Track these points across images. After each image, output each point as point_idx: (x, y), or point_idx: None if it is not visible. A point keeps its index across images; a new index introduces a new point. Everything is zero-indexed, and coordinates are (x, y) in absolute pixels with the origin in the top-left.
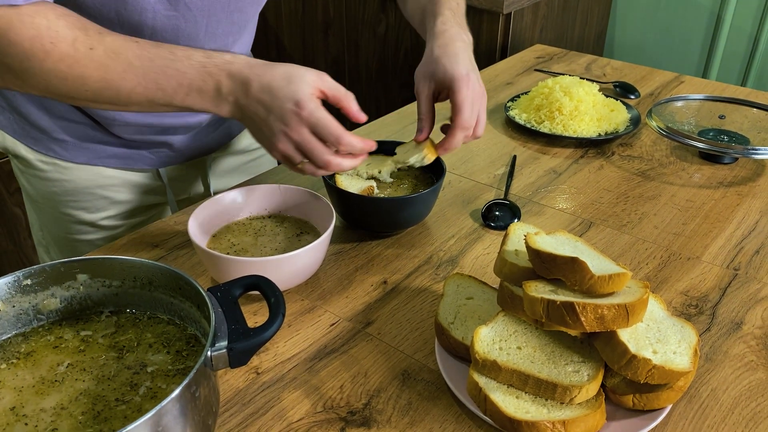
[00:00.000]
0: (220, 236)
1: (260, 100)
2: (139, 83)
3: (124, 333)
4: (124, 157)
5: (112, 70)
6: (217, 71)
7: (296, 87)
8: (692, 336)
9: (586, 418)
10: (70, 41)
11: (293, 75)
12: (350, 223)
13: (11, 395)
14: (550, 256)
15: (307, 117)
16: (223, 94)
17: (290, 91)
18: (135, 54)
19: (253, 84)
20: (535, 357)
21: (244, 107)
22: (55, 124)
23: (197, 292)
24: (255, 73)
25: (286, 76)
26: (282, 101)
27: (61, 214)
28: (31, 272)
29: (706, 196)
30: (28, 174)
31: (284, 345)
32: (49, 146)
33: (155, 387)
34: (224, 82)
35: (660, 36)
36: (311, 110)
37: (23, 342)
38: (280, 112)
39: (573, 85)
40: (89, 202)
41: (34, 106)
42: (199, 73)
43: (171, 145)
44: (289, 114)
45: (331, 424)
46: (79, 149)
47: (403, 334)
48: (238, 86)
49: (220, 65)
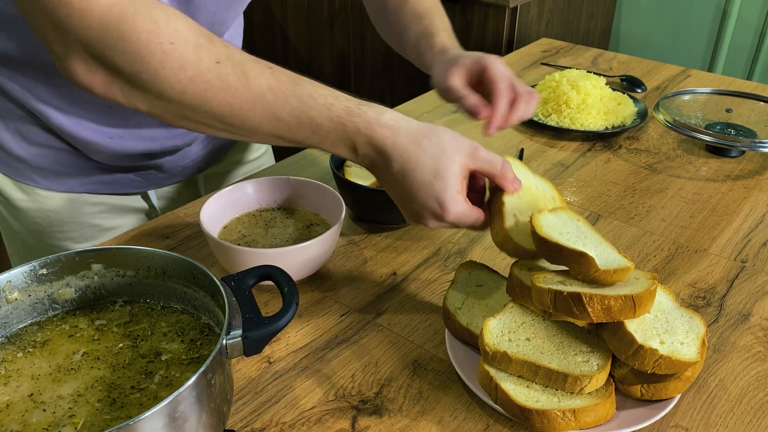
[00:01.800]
0: (231, 227)
1: (400, 183)
2: (269, 121)
3: (138, 322)
4: (109, 183)
5: (241, 96)
6: (355, 132)
7: (443, 185)
8: (700, 327)
9: (597, 407)
10: (192, 46)
11: (444, 164)
12: (359, 215)
13: (28, 383)
14: (557, 246)
15: (449, 219)
16: (358, 155)
17: (437, 189)
18: (269, 85)
19: (394, 165)
20: (545, 348)
21: (381, 178)
22: (32, 151)
23: (212, 281)
24: (398, 153)
25: (435, 162)
26: (424, 197)
27: (48, 247)
28: (47, 262)
29: (713, 189)
30: (9, 207)
31: (295, 335)
32: (28, 175)
33: (170, 375)
34: (361, 145)
35: (666, 30)
36: (453, 213)
37: (39, 331)
38: (420, 208)
39: (580, 79)
40: (76, 232)
41: (9, 133)
42: (336, 131)
43: (160, 167)
44: (428, 214)
45: (343, 412)
46: (60, 177)
47: (413, 324)
48: (377, 155)
49: (360, 127)
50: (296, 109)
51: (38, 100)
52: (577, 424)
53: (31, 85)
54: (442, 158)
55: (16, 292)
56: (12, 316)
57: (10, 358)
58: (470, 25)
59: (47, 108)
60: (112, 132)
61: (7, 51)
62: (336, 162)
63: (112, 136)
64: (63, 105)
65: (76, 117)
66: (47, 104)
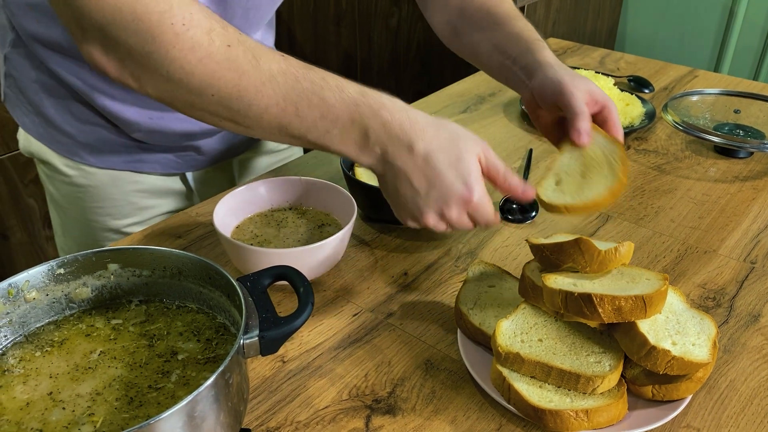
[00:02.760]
0: (243, 227)
1: (423, 167)
2: (277, 103)
3: (153, 322)
4: (150, 162)
5: (249, 77)
6: (370, 114)
7: (470, 165)
8: (711, 328)
9: (609, 407)
10: (205, 29)
11: (464, 147)
12: (370, 216)
13: (47, 382)
14: (555, 245)
15: (474, 204)
16: (370, 142)
17: (463, 168)
18: (280, 67)
19: (417, 145)
20: (557, 348)
21: (396, 167)
22: (79, 128)
23: (228, 281)
24: (420, 129)
25: (455, 146)
26: (452, 179)
27: (87, 220)
28: (65, 261)
29: (722, 190)
30: (55, 179)
31: (309, 334)
32: (75, 151)
33: (187, 374)
34: (375, 130)
35: (672, 30)
36: (479, 196)
37: (56, 330)
38: (444, 191)
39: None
40: (114, 208)
41: (60, 110)
42: (349, 112)
43: (198, 149)
44: (456, 197)
45: (357, 411)
46: (103, 154)
47: (424, 324)
48: (394, 141)
49: (375, 108)
50: (307, 90)
51: (85, 83)
52: (590, 424)
53: (77, 69)
54: (460, 143)
55: (35, 292)
56: (30, 315)
57: (28, 357)
58: None
59: (92, 90)
60: (152, 113)
61: (55, 38)
62: (347, 162)
63: (152, 116)
64: (106, 88)
65: (118, 99)
66: (92, 87)
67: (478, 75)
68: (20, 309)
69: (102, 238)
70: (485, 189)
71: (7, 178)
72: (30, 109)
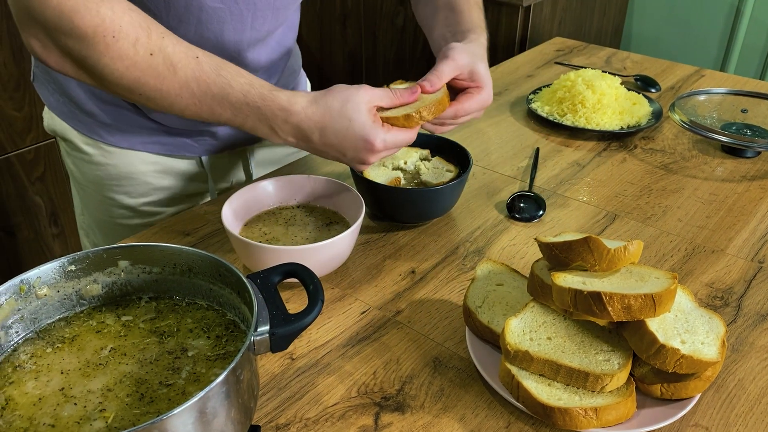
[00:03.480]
0: (252, 225)
1: (328, 145)
2: (194, 103)
3: (163, 318)
4: (167, 144)
5: (168, 83)
6: (272, 116)
7: (360, 123)
8: (720, 327)
9: (618, 405)
10: (132, 40)
11: (351, 111)
12: (377, 214)
13: (58, 378)
14: (564, 244)
15: (380, 147)
16: (279, 135)
17: (355, 131)
18: (193, 75)
19: (314, 135)
20: (566, 347)
21: (312, 149)
22: (101, 108)
23: (238, 278)
24: (313, 121)
25: (343, 114)
26: (352, 142)
27: (104, 197)
28: (75, 258)
29: (730, 190)
30: (75, 157)
31: (317, 332)
32: (95, 130)
33: (197, 371)
34: (279, 127)
35: (678, 29)
36: (380, 141)
37: (66, 326)
38: (353, 152)
39: (595, 78)
40: (131, 187)
41: (83, 89)
42: (253, 113)
43: (214, 134)
44: (362, 151)
45: (366, 408)
46: (123, 134)
47: (432, 322)
48: (298, 134)
49: (275, 111)
50: (217, 95)
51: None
52: (599, 422)
53: None
54: (347, 105)
55: (46, 288)
56: (41, 311)
57: (39, 353)
58: None
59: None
60: None
61: None
62: None
63: None
64: None
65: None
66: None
67: None
68: (32, 305)
69: (118, 216)
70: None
71: (14, 176)
72: (56, 89)
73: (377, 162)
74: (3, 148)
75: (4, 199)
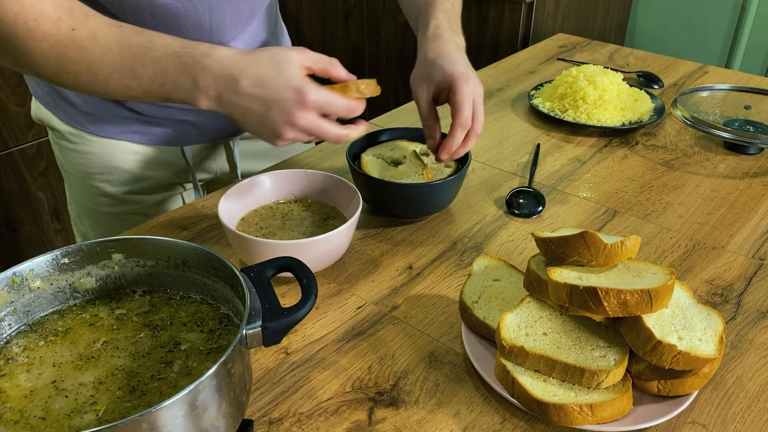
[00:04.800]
0: (249, 220)
1: (253, 95)
2: (116, 69)
3: (157, 312)
4: (147, 133)
5: (90, 52)
6: (193, 63)
7: (289, 74)
8: (718, 323)
9: (614, 402)
10: (53, 20)
11: (280, 60)
12: (374, 209)
13: (50, 370)
14: (560, 239)
15: (313, 102)
16: (200, 87)
17: (284, 79)
18: (115, 39)
19: (241, 79)
20: (561, 342)
21: (234, 104)
22: (81, 97)
23: (231, 272)
24: (239, 67)
25: (273, 63)
26: (280, 92)
27: (88, 185)
28: (69, 251)
29: (731, 187)
30: (60, 145)
31: (312, 326)
32: (77, 119)
33: (189, 365)
34: (201, 75)
35: (682, 25)
36: (313, 93)
37: (60, 319)
38: (281, 105)
39: (597, 74)
40: (112, 176)
41: None
42: (174, 64)
43: (194, 123)
44: (291, 104)
45: (360, 403)
46: (104, 123)
47: (429, 318)
48: (221, 82)
49: (196, 57)
50: (138, 53)
51: None
52: (594, 418)
53: None
54: (279, 54)
55: (39, 281)
56: (34, 304)
57: (32, 346)
58: (486, 20)
59: None
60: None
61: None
62: (352, 155)
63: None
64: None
65: None
66: None
67: (485, 70)
68: (24, 298)
69: (102, 204)
70: (324, 89)
71: (16, 171)
72: (39, 80)
73: (373, 155)
74: (5, 144)
75: (6, 195)
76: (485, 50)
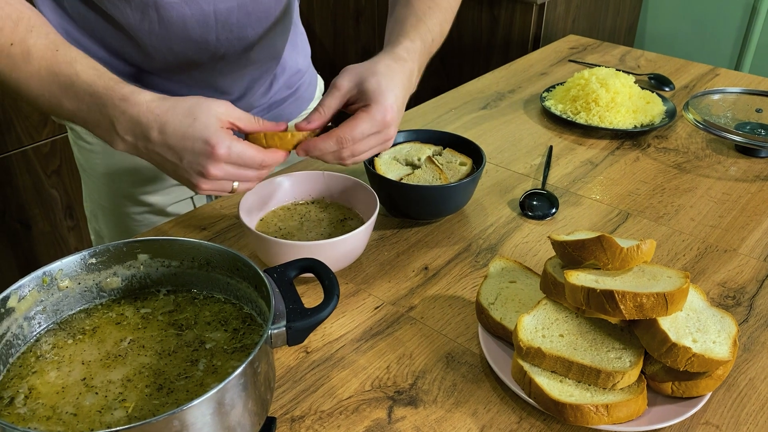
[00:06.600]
0: (267, 220)
1: (165, 144)
2: (42, 94)
3: (182, 311)
4: None
5: (21, 72)
6: (111, 106)
7: (204, 124)
8: (732, 326)
9: (629, 402)
10: None
11: (197, 111)
12: (390, 210)
13: (80, 368)
14: (577, 242)
15: (224, 155)
16: (117, 131)
17: (198, 130)
18: (46, 64)
19: (153, 130)
20: (578, 344)
21: (149, 150)
22: None
23: (255, 273)
24: (155, 114)
25: (189, 113)
26: (191, 142)
27: (105, 185)
28: (96, 251)
29: (743, 189)
30: (79, 145)
31: (331, 326)
32: None
33: (214, 363)
34: (119, 119)
35: (693, 27)
36: (226, 146)
37: (87, 318)
38: (192, 156)
39: (609, 77)
40: (130, 176)
41: None
42: (95, 104)
43: None
44: (203, 156)
45: (380, 402)
46: None
47: (445, 318)
48: (136, 128)
49: (115, 100)
50: (64, 84)
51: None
52: (610, 419)
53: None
54: (198, 105)
55: (67, 280)
56: (63, 303)
57: (61, 344)
58: (497, 21)
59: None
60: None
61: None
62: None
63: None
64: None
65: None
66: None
67: (497, 72)
68: (53, 297)
69: (118, 203)
70: (237, 140)
71: (31, 169)
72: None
73: (388, 156)
74: (20, 142)
75: (21, 192)
76: (496, 51)
